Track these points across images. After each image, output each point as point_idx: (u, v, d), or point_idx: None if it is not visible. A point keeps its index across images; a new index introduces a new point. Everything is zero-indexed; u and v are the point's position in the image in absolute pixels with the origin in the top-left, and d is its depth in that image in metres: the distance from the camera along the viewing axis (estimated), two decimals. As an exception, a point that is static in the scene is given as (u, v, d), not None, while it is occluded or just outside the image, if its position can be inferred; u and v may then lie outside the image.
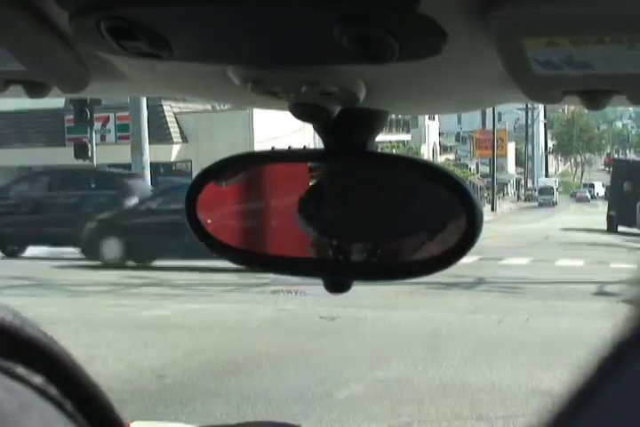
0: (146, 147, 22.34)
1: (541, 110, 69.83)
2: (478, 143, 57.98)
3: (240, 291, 13.57)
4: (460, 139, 67.04)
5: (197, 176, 1.11)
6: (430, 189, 1.04)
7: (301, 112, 0.86)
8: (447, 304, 12.13)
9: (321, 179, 1.13)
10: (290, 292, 12.87)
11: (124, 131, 26.25)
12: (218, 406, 6.67)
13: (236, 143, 24.00)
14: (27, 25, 0.75)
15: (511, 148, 65.91)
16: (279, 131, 23.68)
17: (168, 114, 29.38)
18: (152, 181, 23.27)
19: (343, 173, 1.12)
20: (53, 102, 26.07)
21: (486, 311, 11.35)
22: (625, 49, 0.67)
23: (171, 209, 16.04)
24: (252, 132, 28.04)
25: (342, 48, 0.69)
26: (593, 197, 70.53)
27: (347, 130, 1.00)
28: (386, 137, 37.73)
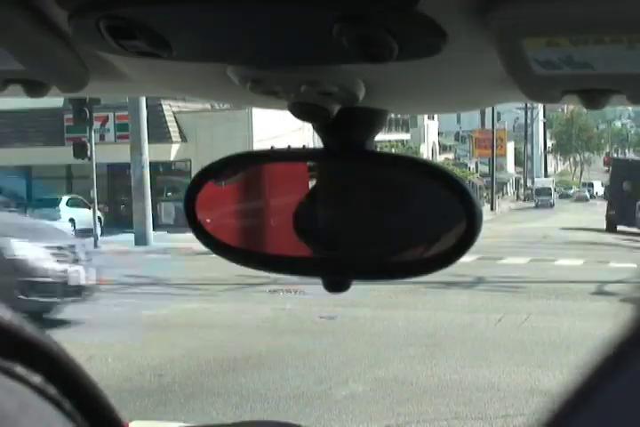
0: (145, 146, 22.35)
1: (540, 110, 69.82)
2: (477, 143, 57.95)
3: (239, 290, 13.57)
4: (460, 138, 67.03)
5: (196, 175, 1.11)
6: (430, 189, 1.04)
7: (301, 111, 0.86)
8: (446, 303, 12.14)
9: (320, 178, 1.13)
10: (289, 291, 12.87)
11: (124, 130, 26.25)
12: (217, 405, 6.67)
13: (236, 142, 24.00)
14: (26, 24, 0.75)
15: (510, 147, 65.87)
16: (278, 130, 23.70)
17: (167, 113, 29.37)
18: (151, 181, 23.27)
19: (342, 173, 1.12)
20: (52, 102, 26.06)
21: (485, 311, 11.36)
22: (625, 49, 0.67)
23: None
24: (252, 131, 28.04)
25: (342, 48, 0.69)
26: (592, 197, 70.49)
27: (346, 129, 1.00)
28: (385, 136, 37.74)
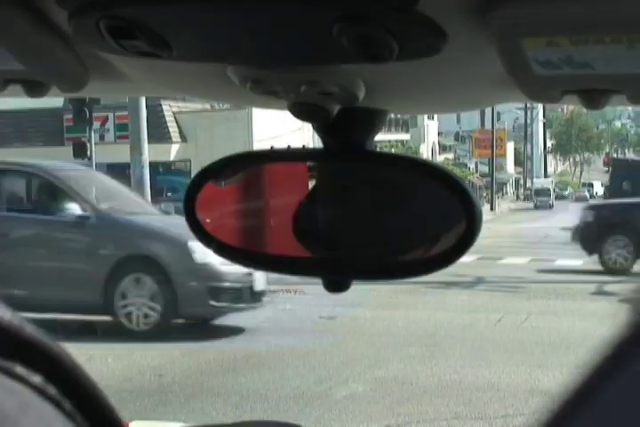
0: (145, 146, 22.28)
1: (540, 110, 69.78)
2: (477, 143, 57.92)
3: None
4: (459, 138, 67.01)
5: (196, 175, 1.11)
6: (429, 189, 1.04)
7: (301, 111, 0.86)
8: (446, 303, 12.13)
9: (320, 178, 1.13)
10: (289, 291, 12.86)
11: (123, 130, 26.21)
12: (217, 405, 6.67)
13: (236, 143, 23.99)
14: (26, 24, 0.75)
15: (510, 147, 65.83)
16: (278, 130, 23.68)
17: (167, 113, 29.36)
18: (151, 181, 23.24)
19: (342, 173, 1.12)
20: (52, 102, 26.04)
21: (485, 311, 11.36)
22: (625, 49, 0.67)
23: None
24: (252, 131, 28.02)
25: (342, 48, 0.69)
26: (592, 197, 70.44)
27: (346, 129, 1.00)
28: (385, 136, 37.72)
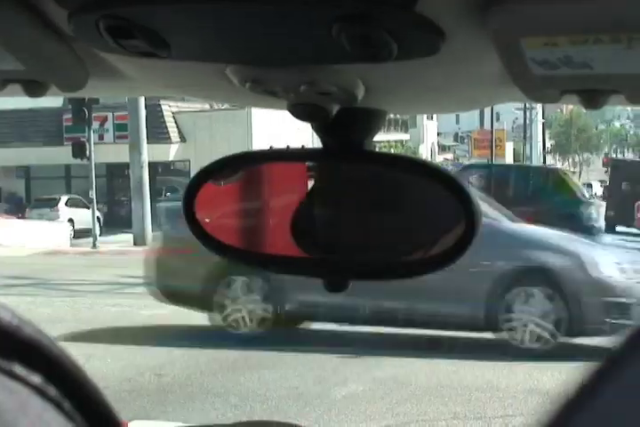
0: (144, 146, 22.30)
1: (539, 110, 69.73)
2: (476, 143, 57.77)
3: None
4: (459, 138, 66.96)
5: (195, 175, 1.11)
6: (429, 189, 1.04)
7: (300, 111, 0.86)
8: (445, 304, 12.11)
9: (319, 178, 1.13)
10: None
11: (123, 130, 26.24)
12: (216, 405, 6.66)
13: (235, 142, 24.00)
14: (25, 24, 0.75)
15: (509, 147, 65.70)
16: (277, 130, 23.68)
17: (166, 113, 29.36)
18: (150, 181, 23.24)
19: (341, 173, 1.12)
20: (51, 101, 26.04)
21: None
22: (623, 49, 0.67)
23: None
24: (251, 131, 28.03)
25: (341, 47, 0.69)
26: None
27: (345, 129, 1.00)
28: (384, 137, 37.71)
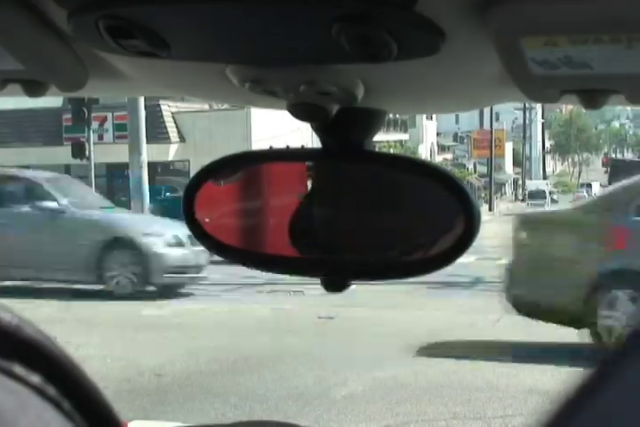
0: (143, 146, 22.28)
1: (539, 110, 69.78)
2: (476, 143, 57.87)
3: (239, 290, 13.55)
4: (458, 139, 66.97)
5: (195, 175, 1.11)
6: (428, 189, 1.04)
7: (300, 111, 0.86)
8: (445, 304, 12.13)
9: (318, 178, 1.13)
10: (288, 291, 12.86)
11: (122, 130, 26.20)
12: (216, 405, 6.67)
13: (234, 142, 23.99)
14: (25, 24, 0.75)
15: (509, 148, 65.78)
16: (277, 130, 23.67)
17: (166, 113, 29.34)
18: (150, 181, 23.22)
19: (341, 173, 1.12)
20: (51, 101, 26.04)
21: (484, 311, 11.34)
22: (623, 49, 0.67)
23: None
24: (250, 131, 28.01)
25: (341, 47, 0.69)
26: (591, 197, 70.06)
27: (345, 129, 1.00)
28: (383, 137, 37.70)
